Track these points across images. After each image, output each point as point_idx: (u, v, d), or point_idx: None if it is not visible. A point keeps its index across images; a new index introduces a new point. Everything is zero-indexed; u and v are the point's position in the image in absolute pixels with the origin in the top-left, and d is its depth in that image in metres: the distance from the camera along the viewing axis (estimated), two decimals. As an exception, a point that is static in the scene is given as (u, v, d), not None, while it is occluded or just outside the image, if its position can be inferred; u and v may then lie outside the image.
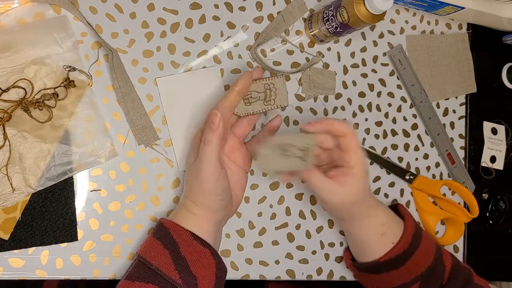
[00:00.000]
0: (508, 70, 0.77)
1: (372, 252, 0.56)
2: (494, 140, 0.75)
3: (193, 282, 0.47)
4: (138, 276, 0.47)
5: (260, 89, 0.53)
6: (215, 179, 0.47)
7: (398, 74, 0.69)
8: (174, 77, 0.57)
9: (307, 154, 0.51)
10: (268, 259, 0.60)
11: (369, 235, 0.55)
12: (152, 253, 0.48)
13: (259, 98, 0.53)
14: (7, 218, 0.49)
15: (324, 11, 0.59)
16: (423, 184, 0.67)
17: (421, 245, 0.55)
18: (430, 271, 0.55)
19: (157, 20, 0.57)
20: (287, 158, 0.51)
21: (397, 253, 0.54)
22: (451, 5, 0.67)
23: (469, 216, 0.67)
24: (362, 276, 0.59)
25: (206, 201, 0.49)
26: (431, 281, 0.54)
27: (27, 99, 0.50)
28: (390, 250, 0.54)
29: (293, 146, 0.50)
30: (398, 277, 0.55)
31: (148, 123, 0.55)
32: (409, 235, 0.55)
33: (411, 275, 0.54)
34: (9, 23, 0.51)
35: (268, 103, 0.53)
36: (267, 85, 0.53)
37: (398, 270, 0.54)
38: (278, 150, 0.51)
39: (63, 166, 0.51)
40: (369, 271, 0.57)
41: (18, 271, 0.50)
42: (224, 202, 0.50)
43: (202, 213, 0.50)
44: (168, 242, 0.48)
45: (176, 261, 0.47)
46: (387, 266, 0.55)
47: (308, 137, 0.51)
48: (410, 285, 0.55)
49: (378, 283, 0.57)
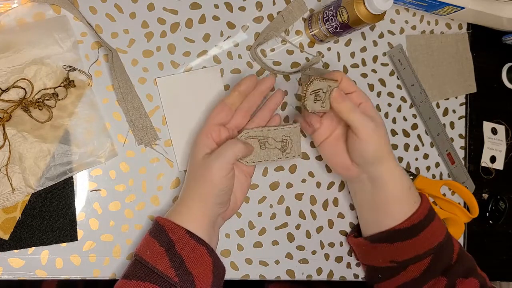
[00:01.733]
0: (508, 70, 0.77)
1: (397, 212, 0.55)
2: (494, 140, 0.75)
3: (190, 280, 0.47)
4: (134, 275, 0.47)
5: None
6: (225, 173, 0.49)
7: (398, 74, 0.69)
8: (174, 77, 0.57)
9: (286, 144, 0.54)
10: (268, 259, 0.60)
11: (398, 187, 0.56)
12: (148, 251, 0.48)
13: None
14: (7, 218, 0.49)
15: (324, 11, 0.59)
16: (423, 184, 0.67)
17: (435, 220, 0.56)
18: (441, 247, 0.55)
19: (157, 20, 0.57)
20: (267, 150, 0.54)
21: (415, 221, 0.54)
22: (451, 5, 0.67)
23: (469, 216, 0.68)
24: (374, 248, 0.58)
25: (208, 195, 0.49)
26: (442, 257, 0.55)
27: (27, 99, 0.50)
28: (412, 214, 0.55)
29: (270, 138, 0.53)
30: (412, 248, 0.55)
31: (148, 123, 0.55)
32: (426, 206, 0.56)
33: (424, 247, 0.54)
34: (9, 23, 0.51)
35: (323, 104, 0.54)
36: (329, 87, 0.54)
37: (412, 240, 0.54)
38: (256, 143, 0.53)
39: (63, 166, 0.51)
40: (383, 241, 0.56)
41: (18, 271, 0.50)
42: (222, 198, 0.50)
43: (197, 206, 0.50)
44: (164, 240, 0.48)
45: (172, 259, 0.47)
46: (403, 235, 0.55)
47: (285, 129, 0.54)
48: (422, 258, 0.54)
49: (391, 255, 0.56)
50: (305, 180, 0.62)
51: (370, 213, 0.59)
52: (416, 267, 0.55)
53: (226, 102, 0.53)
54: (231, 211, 0.54)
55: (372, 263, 0.59)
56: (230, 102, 0.53)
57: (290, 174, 0.62)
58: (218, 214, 0.51)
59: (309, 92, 0.52)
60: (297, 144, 0.55)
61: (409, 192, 0.56)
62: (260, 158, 0.54)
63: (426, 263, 0.54)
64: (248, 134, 0.53)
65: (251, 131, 0.53)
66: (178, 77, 0.57)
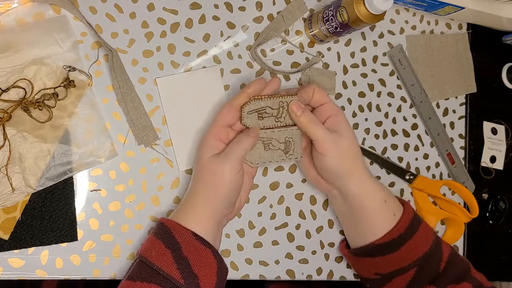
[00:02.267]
0: (508, 70, 0.77)
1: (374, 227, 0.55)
2: (494, 140, 0.75)
3: (195, 282, 0.47)
4: (139, 276, 0.47)
5: (275, 106, 0.54)
6: (237, 171, 0.49)
7: (398, 74, 0.69)
8: (174, 77, 0.57)
9: (289, 146, 0.54)
10: (268, 259, 0.60)
11: (371, 201, 0.54)
12: (154, 253, 0.48)
13: (272, 115, 0.54)
14: (7, 218, 0.49)
15: (324, 11, 0.59)
16: (423, 184, 0.67)
17: (419, 231, 0.55)
18: (427, 257, 0.54)
19: (157, 20, 0.57)
20: (270, 152, 0.54)
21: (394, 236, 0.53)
22: (451, 5, 0.67)
23: (469, 216, 0.67)
24: (358, 261, 0.58)
25: (217, 194, 0.49)
26: (428, 267, 0.54)
27: (27, 99, 0.50)
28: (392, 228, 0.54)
29: (274, 139, 0.54)
30: (394, 262, 0.54)
31: (148, 123, 0.55)
32: (408, 218, 0.55)
33: (407, 260, 0.54)
34: (9, 23, 0.51)
35: (278, 119, 0.54)
36: (282, 103, 0.54)
37: (393, 254, 0.54)
38: (261, 144, 0.54)
39: (63, 166, 0.51)
40: (365, 255, 0.56)
41: (18, 271, 0.50)
42: (232, 199, 0.51)
43: (204, 208, 0.50)
44: (170, 241, 0.48)
45: (178, 261, 0.47)
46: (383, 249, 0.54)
47: (288, 131, 0.54)
48: (406, 271, 0.54)
49: (375, 267, 0.56)
50: (305, 180, 0.62)
51: (350, 226, 0.59)
52: (401, 279, 0.54)
53: (234, 104, 0.53)
54: (235, 212, 0.55)
55: (360, 273, 0.60)
56: (238, 103, 0.53)
57: (290, 174, 0.62)
58: (225, 215, 0.52)
59: (246, 112, 0.52)
60: (298, 146, 0.55)
61: (385, 205, 0.55)
62: (264, 159, 0.54)
63: (411, 274, 0.54)
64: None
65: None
66: (178, 77, 0.57)
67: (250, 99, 0.52)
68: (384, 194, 0.56)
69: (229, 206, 0.51)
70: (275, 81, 0.54)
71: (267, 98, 0.53)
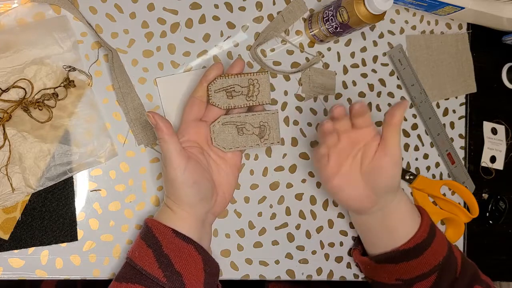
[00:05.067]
0: (508, 70, 0.77)
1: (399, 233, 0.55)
2: (494, 140, 0.75)
3: (179, 279, 0.46)
4: (124, 277, 0.47)
5: (244, 84, 0.52)
6: (181, 171, 0.47)
7: (398, 74, 0.69)
8: (174, 77, 0.57)
9: (264, 131, 0.53)
10: (268, 259, 0.60)
11: (404, 210, 0.55)
12: (137, 253, 0.48)
13: (242, 93, 0.52)
14: (7, 218, 0.49)
15: (324, 11, 0.59)
16: (423, 184, 0.67)
17: (437, 236, 0.55)
18: (445, 262, 0.54)
19: (157, 20, 0.57)
20: (244, 136, 0.53)
21: (418, 241, 0.54)
22: (451, 5, 0.67)
23: (469, 216, 0.67)
24: (379, 268, 0.57)
25: (181, 195, 0.48)
26: (447, 272, 0.54)
27: (27, 99, 0.50)
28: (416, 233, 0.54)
29: (248, 124, 0.52)
30: (417, 267, 0.54)
31: (148, 123, 0.55)
32: (427, 223, 0.55)
33: (430, 265, 0.54)
34: (9, 23, 0.51)
35: (250, 98, 0.53)
36: (251, 80, 0.52)
37: (417, 259, 0.54)
38: (234, 128, 0.52)
39: (63, 166, 0.51)
40: (388, 261, 0.55)
41: (18, 271, 0.50)
42: (200, 195, 0.49)
43: (180, 209, 0.49)
44: (151, 240, 0.48)
45: (160, 259, 0.47)
46: (408, 255, 0.54)
47: (263, 115, 0.53)
48: (428, 276, 0.54)
49: (397, 273, 0.55)
50: (305, 180, 0.62)
51: (375, 237, 0.58)
52: (422, 285, 0.54)
53: (196, 96, 0.52)
54: (220, 205, 0.53)
55: (378, 279, 0.58)
56: (200, 94, 0.52)
57: (290, 174, 0.62)
58: (206, 210, 0.51)
59: (213, 91, 0.51)
60: (275, 131, 0.54)
61: (412, 210, 0.56)
62: (237, 144, 0.53)
63: (432, 280, 0.54)
64: (225, 119, 0.52)
65: (228, 116, 0.52)
66: (178, 77, 0.57)
67: (215, 78, 0.51)
68: (409, 199, 0.56)
69: (205, 201, 0.50)
70: (238, 63, 0.52)
71: (234, 76, 0.52)
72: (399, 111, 0.51)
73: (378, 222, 0.56)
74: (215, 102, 0.52)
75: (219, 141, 0.52)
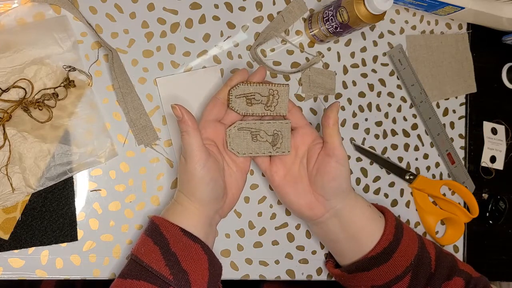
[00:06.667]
0: (508, 70, 0.77)
1: (365, 240, 0.54)
2: (494, 140, 0.75)
3: (185, 278, 0.46)
4: (129, 273, 0.47)
5: (264, 93, 0.53)
6: (201, 166, 0.48)
7: (398, 74, 0.69)
8: (174, 77, 0.57)
9: (277, 139, 0.54)
10: (268, 259, 0.60)
11: (361, 213, 0.54)
12: (143, 250, 0.48)
13: (261, 102, 0.53)
14: (7, 218, 0.49)
15: (324, 11, 0.59)
16: (423, 184, 0.67)
17: (404, 235, 0.55)
18: (418, 260, 0.54)
19: (157, 20, 0.57)
20: (258, 143, 0.54)
21: (385, 245, 0.53)
22: (451, 5, 0.67)
23: (469, 216, 0.67)
24: (352, 278, 0.56)
25: (196, 191, 0.49)
26: (421, 270, 0.54)
27: (27, 99, 0.50)
28: (381, 237, 0.53)
29: (262, 131, 0.53)
30: (389, 271, 0.54)
31: (148, 123, 0.55)
32: (392, 223, 0.55)
33: (401, 267, 0.53)
34: (9, 23, 0.51)
35: (268, 108, 0.54)
36: (272, 91, 0.53)
37: (387, 263, 0.53)
38: (248, 134, 0.53)
39: (63, 166, 0.51)
40: (360, 270, 0.55)
41: (18, 271, 0.50)
42: (214, 193, 0.49)
43: (191, 205, 0.49)
44: (158, 238, 0.48)
45: (166, 257, 0.47)
46: (377, 261, 0.53)
47: (278, 124, 0.54)
48: (402, 278, 0.53)
49: (371, 281, 0.55)
50: (305, 180, 0.62)
51: (340, 245, 0.57)
52: (398, 286, 0.54)
53: (219, 97, 0.53)
54: (228, 207, 0.53)
55: None
56: (222, 97, 0.53)
57: (290, 174, 0.62)
58: (215, 210, 0.51)
59: (234, 95, 0.52)
60: (287, 141, 0.55)
61: (372, 213, 0.55)
62: (251, 150, 0.53)
63: (407, 281, 0.53)
64: (241, 125, 0.53)
65: (244, 122, 0.53)
66: (178, 77, 0.57)
67: (238, 83, 0.52)
68: (366, 202, 0.56)
69: (216, 200, 0.50)
70: (260, 71, 0.54)
71: (256, 84, 0.53)
72: (333, 113, 0.52)
73: (339, 231, 0.55)
74: (235, 107, 0.52)
75: (233, 146, 0.53)
